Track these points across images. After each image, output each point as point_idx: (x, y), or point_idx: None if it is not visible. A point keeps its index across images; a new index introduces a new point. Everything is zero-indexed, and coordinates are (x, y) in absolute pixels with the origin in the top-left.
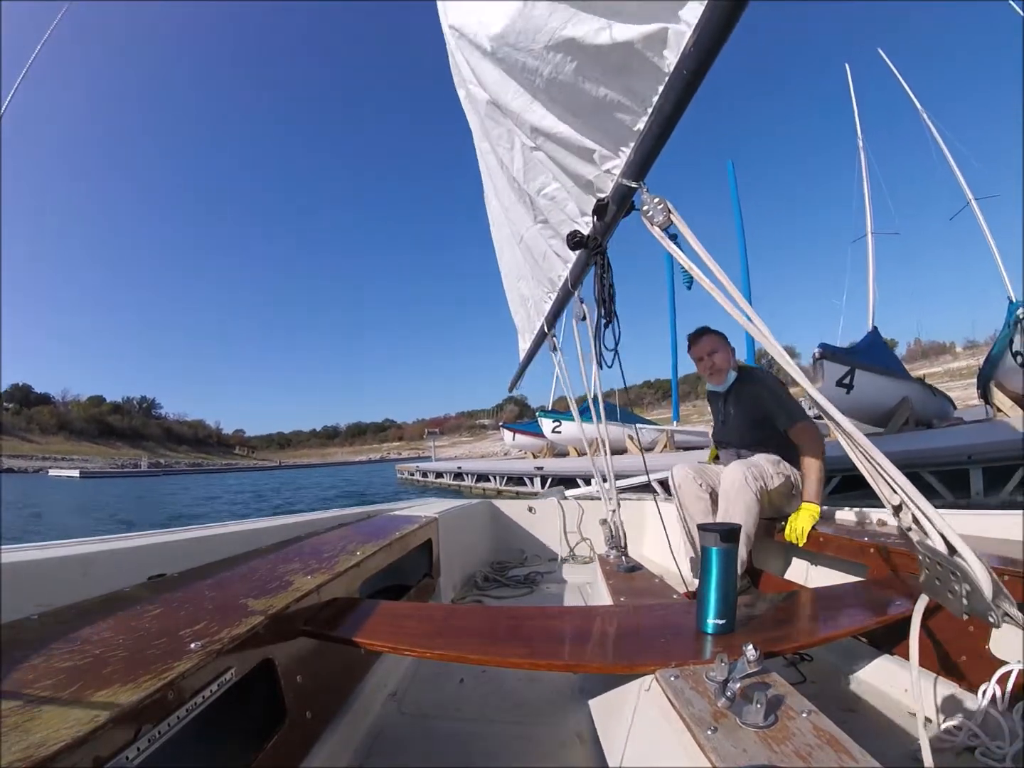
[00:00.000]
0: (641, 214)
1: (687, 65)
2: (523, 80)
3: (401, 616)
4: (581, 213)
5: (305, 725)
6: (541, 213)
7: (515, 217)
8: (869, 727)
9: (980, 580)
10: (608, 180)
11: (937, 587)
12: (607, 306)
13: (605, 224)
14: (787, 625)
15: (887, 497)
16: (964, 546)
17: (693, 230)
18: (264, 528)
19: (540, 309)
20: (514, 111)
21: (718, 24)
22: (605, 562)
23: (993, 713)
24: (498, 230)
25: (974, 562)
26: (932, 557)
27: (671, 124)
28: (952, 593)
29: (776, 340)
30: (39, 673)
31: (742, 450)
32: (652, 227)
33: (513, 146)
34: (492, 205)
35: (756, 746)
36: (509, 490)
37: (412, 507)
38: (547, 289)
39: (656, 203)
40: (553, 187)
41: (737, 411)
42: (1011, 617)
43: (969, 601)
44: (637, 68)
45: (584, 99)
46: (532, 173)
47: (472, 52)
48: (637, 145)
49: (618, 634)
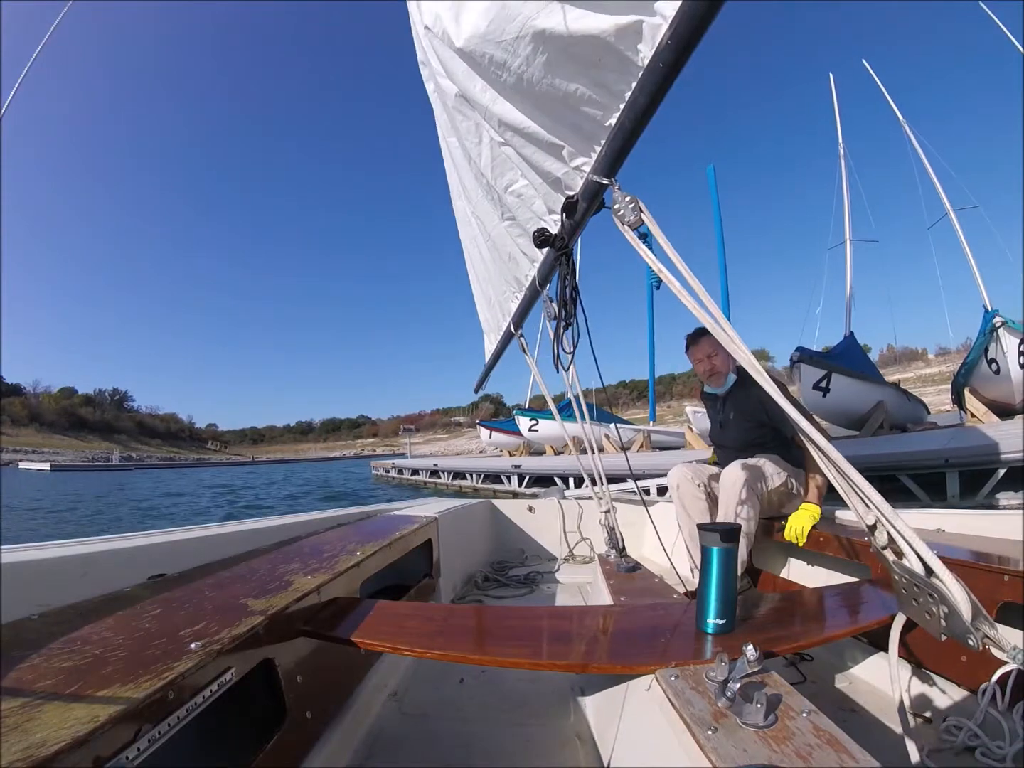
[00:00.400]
0: (611, 212)
1: (663, 59)
2: (491, 75)
3: (401, 616)
4: (549, 211)
5: (305, 725)
6: (509, 210)
7: (482, 215)
8: (869, 727)
9: (959, 603)
10: (578, 177)
11: (915, 608)
12: (568, 308)
13: (574, 222)
14: (787, 625)
15: (861, 515)
16: (942, 567)
17: (664, 230)
18: (264, 528)
19: (506, 309)
20: (482, 105)
21: (696, 17)
22: (605, 562)
23: (993, 713)
24: (464, 228)
25: (952, 584)
26: (909, 578)
27: (645, 118)
28: (930, 614)
29: (745, 345)
30: (39, 673)
31: (741, 452)
32: (622, 226)
33: (481, 140)
34: (458, 203)
35: (756, 746)
36: (486, 488)
37: (412, 507)
38: (514, 288)
39: (627, 201)
40: (521, 184)
41: (736, 414)
42: (991, 639)
43: (947, 623)
44: (610, 62)
45: (554, 94)
46: (500, 169)
47: (441, 45)
48: (609, 140)
49: (618, 634)
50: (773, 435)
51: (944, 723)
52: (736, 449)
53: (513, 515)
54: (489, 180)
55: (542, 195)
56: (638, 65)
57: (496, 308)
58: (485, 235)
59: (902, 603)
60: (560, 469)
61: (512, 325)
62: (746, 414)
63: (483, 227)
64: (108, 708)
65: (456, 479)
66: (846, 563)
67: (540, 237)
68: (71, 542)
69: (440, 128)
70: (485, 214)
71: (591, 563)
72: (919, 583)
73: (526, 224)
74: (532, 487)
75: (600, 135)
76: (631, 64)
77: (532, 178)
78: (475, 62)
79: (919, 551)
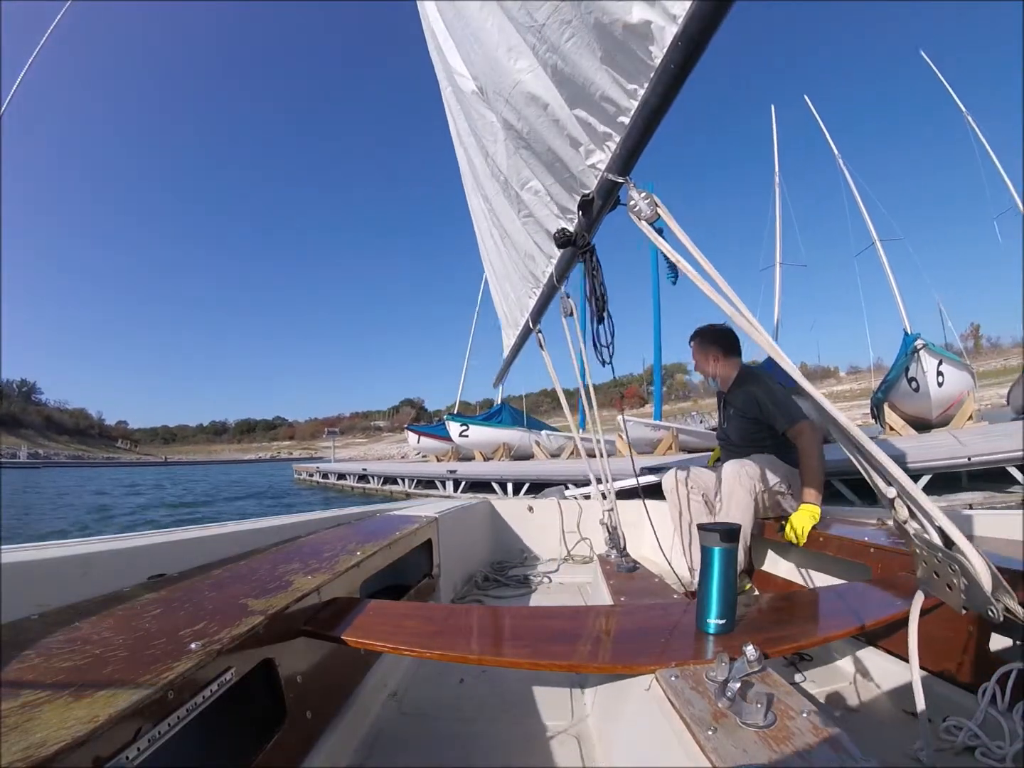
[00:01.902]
0: (628, 209)
1: (674, 59)
2: (528, 42)
3: (401, 616)
4: (566, 209)
5: (305, 725)
6: (526, 207)
7: (499, 212)
8: (869, 727)
9: (979, 573)
10: (593, 175)
11: (935, 581)
12: (599, 303)
13: (591, 220)
14: (787, 625)
15: (882, 490)
16: (962, 538)
17: (680, 224)
18: (264, 528)
19: (524, 305)
20: (506, 88)
21: (706, 17)
22: (605, 562)
23: (993, 713)
24: (481, 225)
25: (973, 555)
26: (929, 551)
27: (658, 117)
28: (950, 587)
29: (767, 332)
30: (39, 673)
31: (740, 449)
32: (639, 221)
33: (497, 139)
34: (474, 201)
35: (756, 746)
36: (419, 493)
37: (412, 507)
38: (532, 285)
39: (643, 197)
40: (537, 182)
41: (735, 412)
42: (1011, 612)
43: (968, 595)
44: (624, 60)
45: (578, 80)
46: (517, 167)
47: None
48: (623, 139)
49: (618, 634)
50: (771, 434)
51: (944, 723)
52: (735, 446)
53: (513, 515)
54: (506, 177)
55: (559, 192)
56: (650, 65)
57: (514, 304)
58: (502, 232)
59: (922, 579)
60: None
61: (531, 320)
62: (742, 411)
63: (500, 224)
64: (108, 708)
65: (387, 484)
66: (846, 563)
67: (561, 237)
68: (71, 542)
69: (457, 130)
70: (502, 211)
71: (591, 563)
72: (939, 555)
73: (543, 221)
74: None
75: (616, 132)
76: (644, 64)
77: (549, 176)
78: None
79: (940, 522)
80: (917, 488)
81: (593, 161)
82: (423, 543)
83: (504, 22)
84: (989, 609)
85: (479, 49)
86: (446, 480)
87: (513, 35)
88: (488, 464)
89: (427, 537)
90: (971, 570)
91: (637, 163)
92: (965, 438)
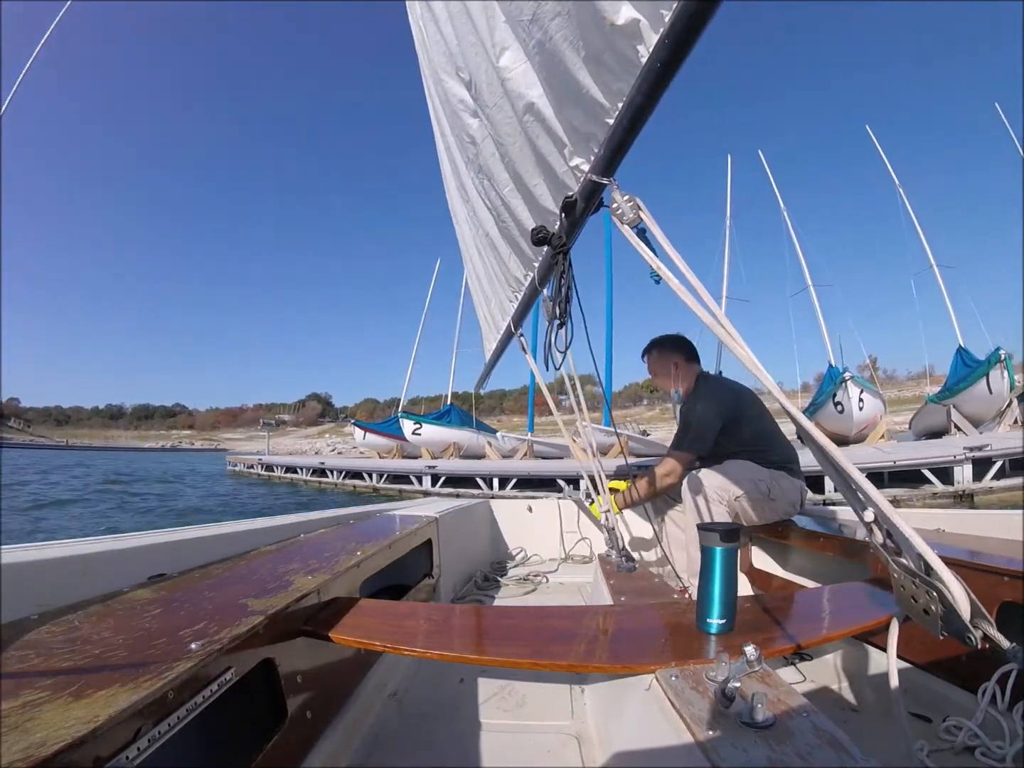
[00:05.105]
0: (610, 211)
1: (660, 57)
2: (516, 39)
3: (401, 616)
4: (548, 211)
5: (305, 725)
6: (508, 209)
7: (481, 214)
8: (869, 727)
9: (957, 600)
10: (576, 176)
11: (913, 606)
12: (562, 307)
13: (573, 222)
14: (787, 625)
15: (860, 512)
16: (940, 564)
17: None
18: (264, 528)
19: (506, 308)
20: (495, 72)
21: (693, 16)
22: (605, 562)
23: (993, 713)
24: (463, 229)
25: (951, 581)
26: (907, 575)
27: (643, 116)
28: (928, 612)
29: (744, 342)
30: (39, 673)
31: (708, 461)
32: (621, 225)
33: (481, 139)
34: (456, 203)
35: (756, 746)
36: (388, 488)
37: (412, 507)
38: (513, 288)
39: (626, 200)
40: (521, 183)
41: None
42: (990, 638)
43: (945, 621)
44: (610, 59)
45: (564, 79)
46: (499, 168)
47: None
48: (608, 138)
49: (618, 634)
50: (735, 440)
51: (944, 723)
52: (705, 457)
53: (513, 515)
54: (489, 178)
55: (542, 193)
56: (636, 64)
57: (495, 307)
58: (483, 235)
59: (900, 601)
60: (481, 471)
61: (512, 324)
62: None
63: (481, 227)
64: (108, 708)
65: (352, 478)
66: (845, 563)
67: (538, 235)
68: (71, 542)
69: (438, 130)
70: (483, 213)
71: (590, 563)
72: (917, 581)
73: (525, 224)
74: (445, 487)
75: (599, 134)
76: (629, 63)
77: (532, 177)
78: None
79: (918, 548)
80: (895, 513)
81: (577, 162)
82: (423, 543)
83: (491, 18)
84: (967, 637)
85: (463, 47)
86: (423, 475)
87: (499, 32)
88: (469, 462)
89: (427, 537)
90: (949, 597)
91: (620, 165)
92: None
